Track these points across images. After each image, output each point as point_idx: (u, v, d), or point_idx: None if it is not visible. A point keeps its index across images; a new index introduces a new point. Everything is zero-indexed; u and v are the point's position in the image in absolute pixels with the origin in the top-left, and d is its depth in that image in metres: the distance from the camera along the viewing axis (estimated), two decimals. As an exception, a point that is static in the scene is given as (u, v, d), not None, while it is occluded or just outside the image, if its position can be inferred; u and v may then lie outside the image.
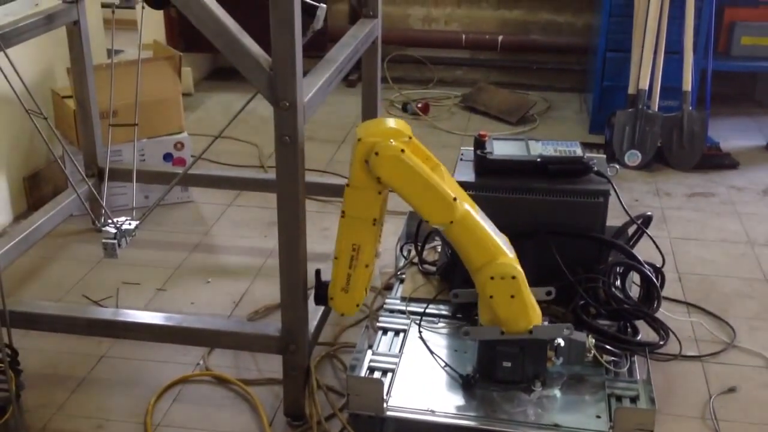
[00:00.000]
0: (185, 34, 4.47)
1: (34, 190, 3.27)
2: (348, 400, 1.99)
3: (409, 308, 2.34)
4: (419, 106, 4.38)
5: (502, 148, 2.35)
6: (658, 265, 2.39)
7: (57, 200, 2.83)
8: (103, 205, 2.40)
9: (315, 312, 2.18)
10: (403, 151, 1.85)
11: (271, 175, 2.52)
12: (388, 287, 2.60)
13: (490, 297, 1.91)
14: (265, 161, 3.70)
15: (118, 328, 2.20)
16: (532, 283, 1.95)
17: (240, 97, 3.53)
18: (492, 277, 1.90)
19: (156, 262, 2.89)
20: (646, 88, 3.70)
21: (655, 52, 3.69)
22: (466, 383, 2.02)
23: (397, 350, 2.18)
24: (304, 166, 1.92)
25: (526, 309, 1.93)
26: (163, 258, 2.92)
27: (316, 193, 3.09)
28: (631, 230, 2.45)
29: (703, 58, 3.82)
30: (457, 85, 4.82)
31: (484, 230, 1.92)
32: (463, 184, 2.14)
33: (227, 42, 1.85)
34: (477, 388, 2.02)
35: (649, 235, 2.42)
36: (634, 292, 2.37)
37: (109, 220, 2.21)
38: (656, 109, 3.72)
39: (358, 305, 2.03)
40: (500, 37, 4.71)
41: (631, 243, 2.43)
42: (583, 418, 1.94)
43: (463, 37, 4.75)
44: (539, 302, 1.98)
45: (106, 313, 2.33)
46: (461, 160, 2.42)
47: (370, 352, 2.13)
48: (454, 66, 4.92)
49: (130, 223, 2.22)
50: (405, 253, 2.62)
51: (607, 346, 2.10)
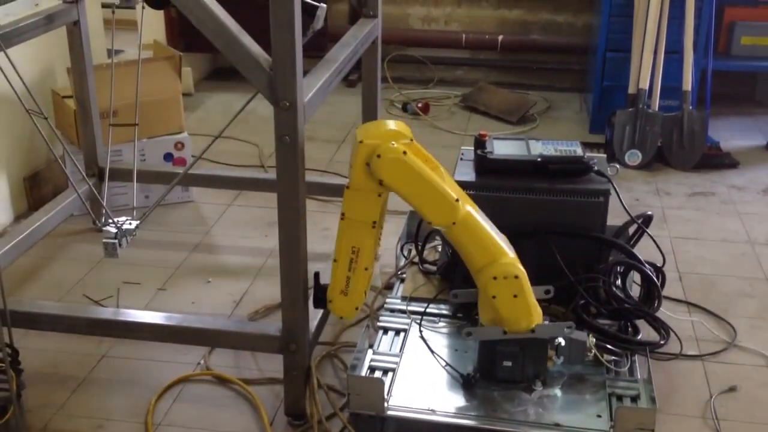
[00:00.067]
0: (185, 34, 4.46)
1: (35, 190, 3.26)
2: (349, 400, 1.99)
3: (410, 308, 2.34)
4: (419, 106, 4.37)
5: (503, 148, 2.35)
6: (659, 265, 2.38)
7: (57, 200, 2.84)
8: (104, 204, 2.40)
9: (315, 312, 2.17)
10: (405, 153, 1.85)
11: (272, 174, 2.52)
12: (389, 287, 2.60)
13: (493, 297, 1.91)
14: (266, 161, 3.70)
15: (119, 328, 2.20)
16: (533, 282, 1.95)
17: (240, 97, 3.52)
18: (495, 277, 1.90)
19: (156, 262, 2.89)
20: (647, 88, 3.70)
21: (655, 52, 3.69)
22: (466, 383, 2.02)
23: (397, 350, 2.18)
24: (304, 166, 1.92)
25: (528, 308, 1.93)
26: (164, 258, 2.92)
27: (316, 192, 3.08)
28: (632, 230, 2.45)
29: (703, 58, 3.82)
30: (457, 85, 4.81)
31: (485, 231, 1.92)
32: (464, 184, 2.15)
33: (227, 42, 1.85)
34: (478, 387, 2.02)
35: (649, 235, 2.42)
36: (635, 291, 2.37)
37: (110, 220, 2.21)
38: (656, 109, 3.72)
39: (357, 308, 2.03)
40: (500, 37, 4.71)
41: (632, 242, 2.43)
42: (584, 418, 1.94)
43: (463, 36, 4.74)
44: (539, 301, 1.98)
45: (107, 313, 2.33)
46: (461, 159, 2.42)
47: (370, 352, 2.14)
48: (454, 66, 4.91)
49: (130, 223, 2.22)
50: (405, 253, 2.62)
51: (608, 346, 2.10)
